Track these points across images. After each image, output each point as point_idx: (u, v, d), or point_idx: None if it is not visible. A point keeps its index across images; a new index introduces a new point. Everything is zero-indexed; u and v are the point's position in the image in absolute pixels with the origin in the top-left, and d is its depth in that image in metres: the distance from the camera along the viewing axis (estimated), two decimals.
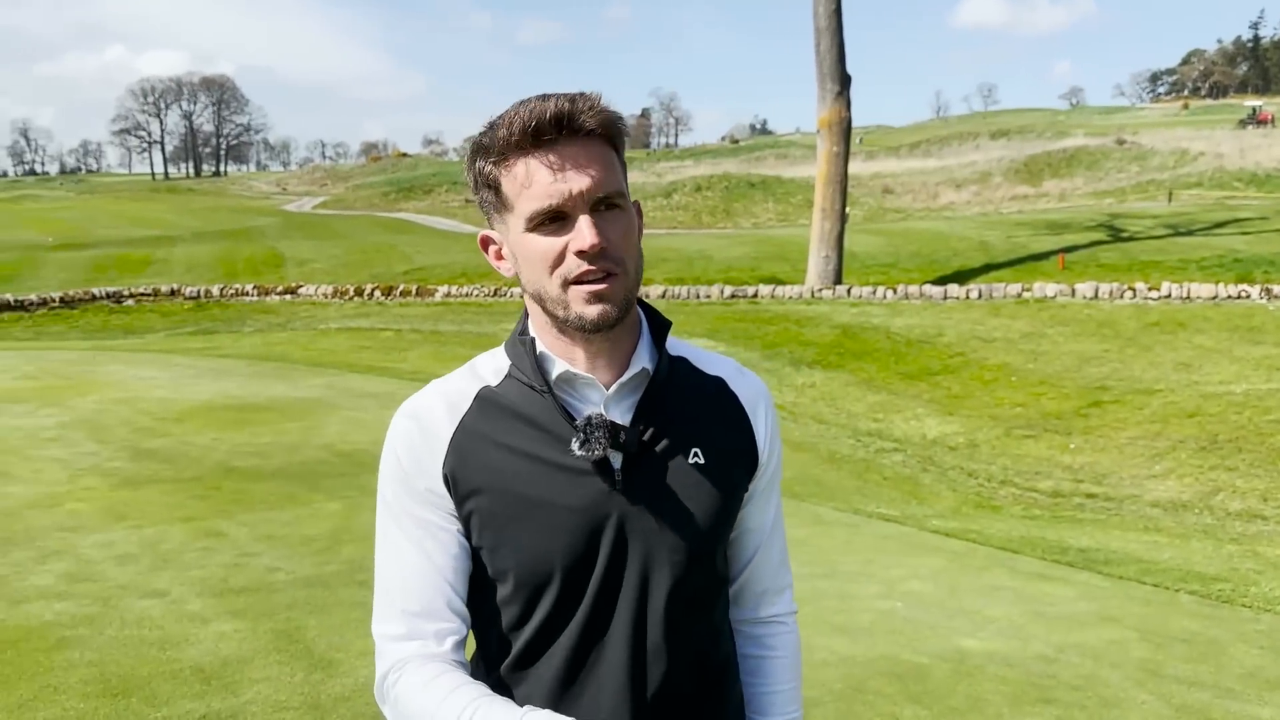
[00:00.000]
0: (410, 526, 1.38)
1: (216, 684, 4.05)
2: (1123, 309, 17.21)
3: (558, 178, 1.26)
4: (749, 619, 1.55)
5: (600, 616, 1.36)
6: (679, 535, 1.36)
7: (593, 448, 1.31)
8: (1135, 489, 10.51)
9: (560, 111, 1.26)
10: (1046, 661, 4.74)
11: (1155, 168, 48.16)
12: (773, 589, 1.54)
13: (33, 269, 30.20)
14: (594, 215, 1.27)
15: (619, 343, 1.37)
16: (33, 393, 11.09)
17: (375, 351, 17.05)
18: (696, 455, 1.38)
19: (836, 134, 21.05)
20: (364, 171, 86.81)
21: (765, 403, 1.48)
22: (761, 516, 1.50)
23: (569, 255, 1.28)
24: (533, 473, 1.34)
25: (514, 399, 1.37)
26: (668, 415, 1.38)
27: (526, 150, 1.28)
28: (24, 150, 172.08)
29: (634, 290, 1.33)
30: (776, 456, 1.49)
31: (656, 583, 1.36)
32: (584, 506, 1.33)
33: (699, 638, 1.42)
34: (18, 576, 5.30)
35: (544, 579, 1.34)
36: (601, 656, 1.36)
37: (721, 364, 1.49)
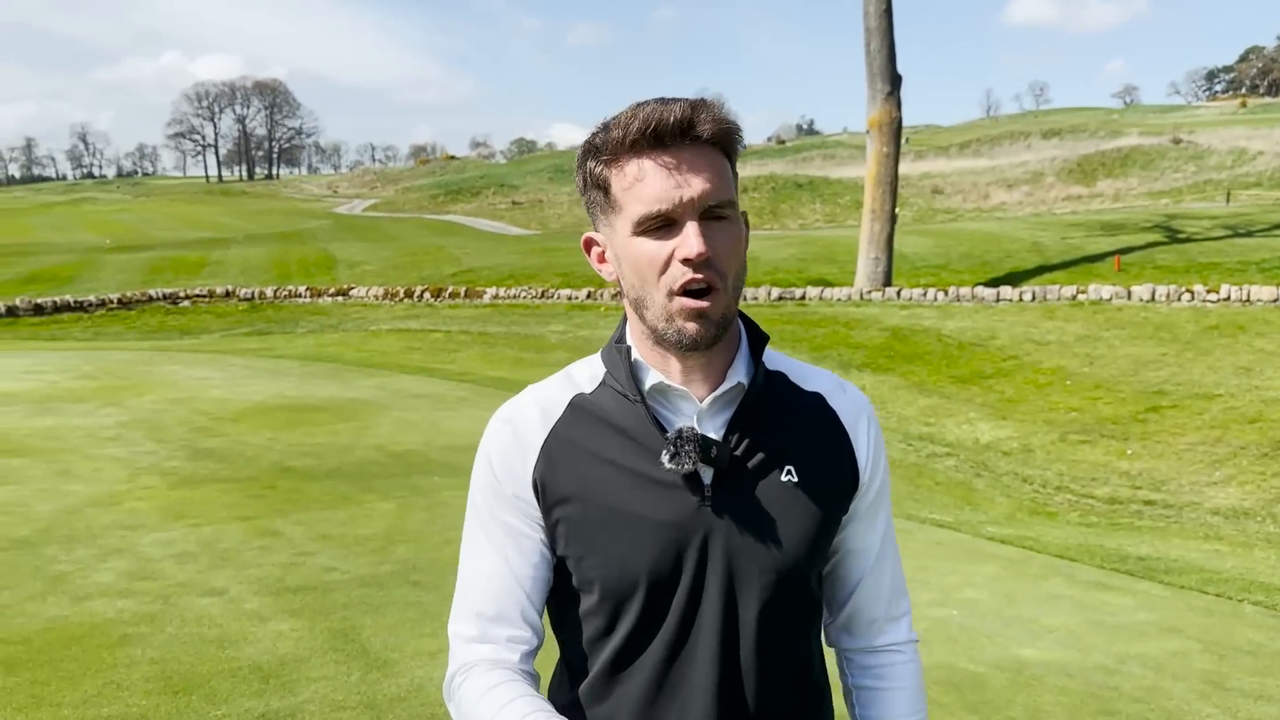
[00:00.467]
0: (495, 531, 1.37)
1: (275, 683, 4.10)
2: (1180, 312, 16.86)
3: (670, 182, 1.24)
4: (862, 648, 1.48)
5: (686, 634, 1.32)
6: (769, 555, 1.32)
7: (682, 461, 1.28)
8: (1195, 496, 10.28)
9: (681, 117, 1.24)
10: (1107, 673, 4.65)
11: (1213, 167, 47.23)
12: (886, 616, 1.47)
13: (91, 271, 30.86)
14: (702, 224, 1.24)
15: (715, 356, 1.34)
16: (92, 392, 11.33)
17: (425, 353, 17.19)
18: (790, 473, 1.34)
19: (887, 134, 20.87)
20: (413, 174, 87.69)
21: (868, 419, 1.42)
22: (867, 538, 1.44)
23: (674, 262, 1.25)
24: (621, 483, 1.32)
25: (607, 407, 1.36)
26: (762, 431, 1.35)
27: (640, 152, 1.25)
28: (82, 154, 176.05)
29: (733, 306, 1.30)
30: (881, 476, 1.43)
31: (745, 603, 1.32)
32: (672, 521, 1.30)
33: (790, 662, 1.37)
34: (80, 574, 5.41)
35: (629, 592, 1.32)
36: (688, 676, 1.32)
37: (821, 379, 1.44)
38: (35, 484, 7.31)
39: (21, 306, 24.14)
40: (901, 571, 1.50)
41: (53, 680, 4.05)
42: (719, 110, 1.27)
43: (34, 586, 5.17)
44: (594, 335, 18.83)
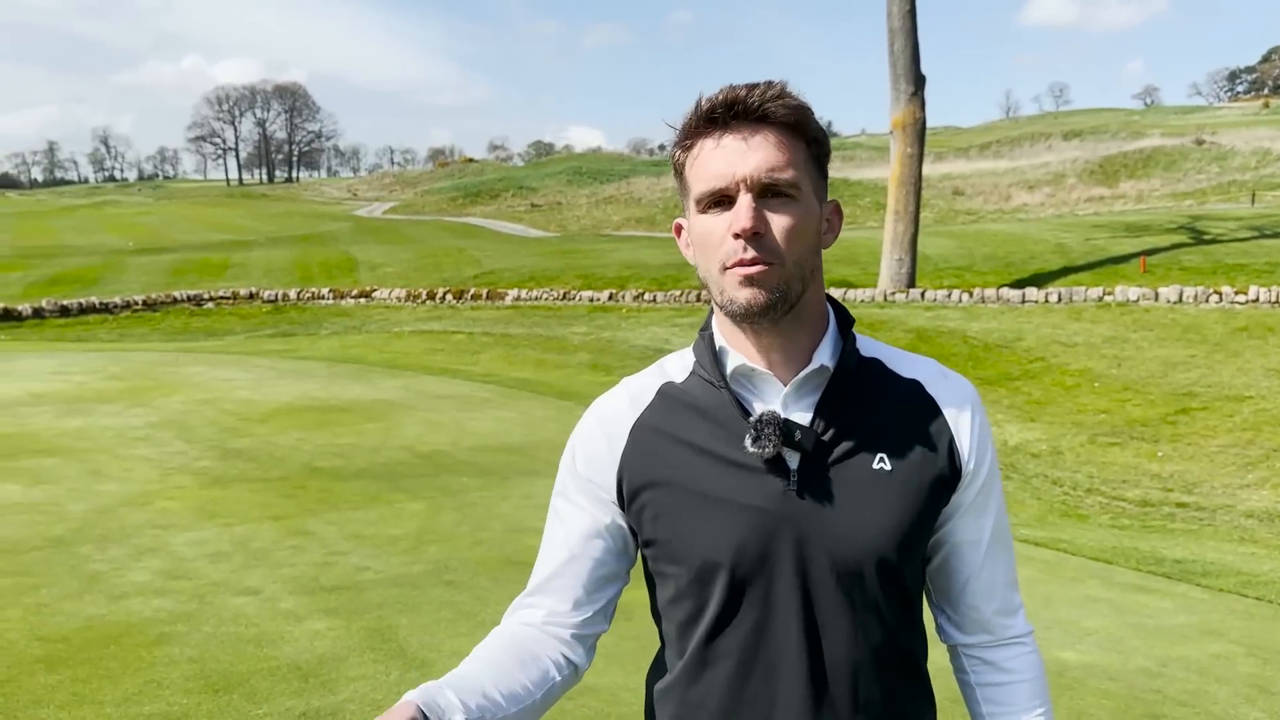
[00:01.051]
0: (563, 516, 1.44)
1: (314, 681, 4.09)
2: (1208, 313, 16.70)
3: (726, 159, 1.26)
4: (982, 643, 1.44)
5: (772, 619, 1.32)
6: (857, 543, 1.30)
7: (764, 445, 1.28)
8: (1228, 499, 10.17)
9: (736, 96, 1.26)
10: (1150, 675, 4.60)
11: (1236, 168, 46.83)
12: (1003, 609, 1.43)
13: (116, 273, 31.08)
14: (759, 201, 1.25)
15: (795, 338, 1.33)
16: (120, 393, 11.39)
17: (448, 354, 17.21)
18: (883, 461, 1.32)
19: (910, 135, 20.77)
20: (432, 177, 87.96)
21: (973, 408, 1.38)
22: (975, 531, 1.40)
23: (727, 238, 1.26)
24: (706, 468, 1.32)
25: (695, 394, 1.37)
26: (851, 416, 1.33)
27: (706, 133, 1.28)
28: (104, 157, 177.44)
29: (794, 282, 1.28)
30: (988, 467, 1.39)
31: (830, 590, 1.31)
32: (756, 505, 1.30)
33: (882, 652, 1.34)
34: (116, 573, 5.42)
35: (714, 576, 1.32)
36: (775, 662, 1.32)
37: (921, 366, 1.41)
38: (67, 484, 7.34)
39: (48, 308, 24.32)
40: (1014, 566, 1.46)
41: (93, 678, 4.06)
42: (782, 90, 1.27)
43: (70, 585, 5.19)
44: (616, 337, 18.81)
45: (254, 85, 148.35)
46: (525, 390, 12.58)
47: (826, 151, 1.33)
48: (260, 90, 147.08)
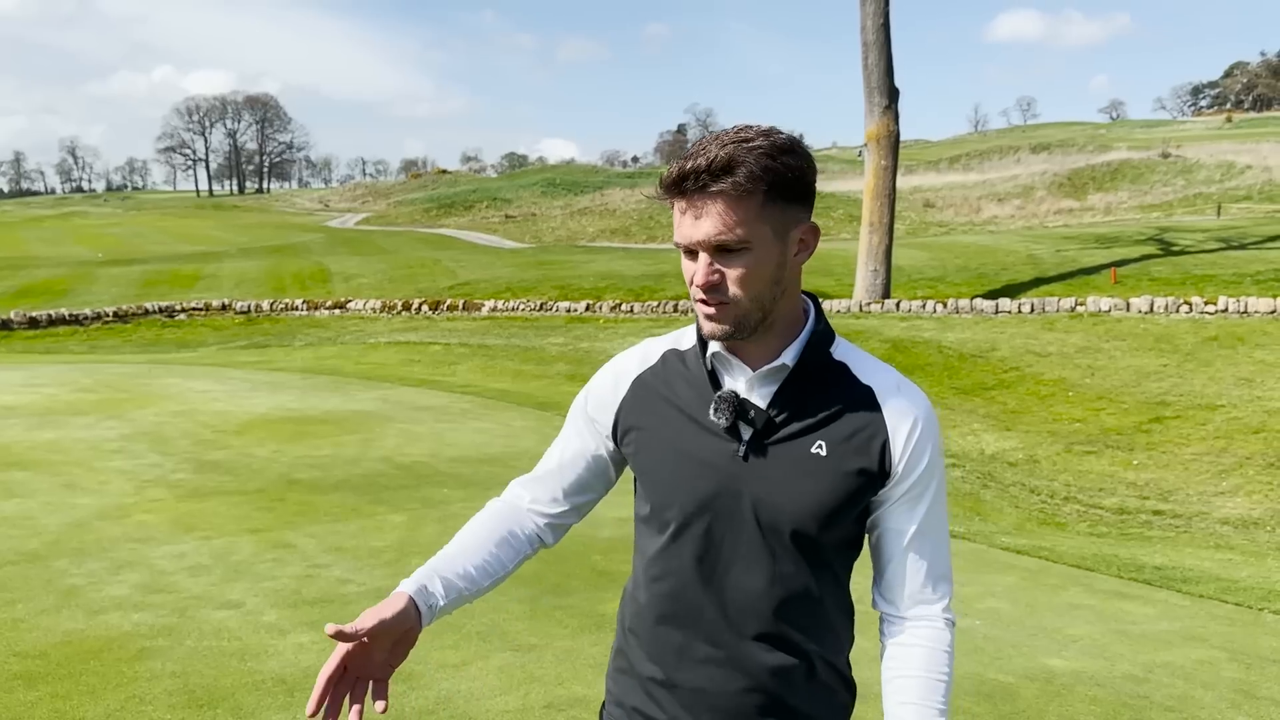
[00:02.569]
0: (569, 432, 1.79)
1: (300, 695, 4.03)
2: (1179, 323, 16.90)
3: (686, 224, 1.50)
4: (894, 614, 1.65)
5: (708, 553, 1.61)
6: (783, 508, 1.56)
7: (720, 415, 1.57)
8: (1203, 506, 10.27)
9: (693, 169, 1.47)
10: (1136, 681, 4.62)
11: (1202, 181, 47.52)
12: (920, 596, 1.63)
13: (85, 284, 30.71)
14: (715, 255, 1.50)
15: (765, 341, 1.58)
16: (92, 405, 11.24)
17: (425, 365, 17.12)
18: (820, 447, 1.56)
19: (885, 148, 20.90)
20: (405, 188, 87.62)
21: (916, 420, 1.59)
22: (902, 523, 1.61)
23: (692, 284, 1.53)
24: (681, 424, 1.63)
25: (688, 363, 1.67)
26: (803, 406, 1.58)
27: (673, 194, 1.52)
28: (72, 168, 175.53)
29: (751, 315, 1.53)
30: (919, 474, 1.59)
31: (756, 543, 1.58)
32: (709, 461, 1.59)
33: (790, 601, 1.59)
34: (93, 587, 5.33)
35: (669, 508, 1.63)
36: (707, 588, 1.61)
37: (881, 375, 1.63)
38: (41, 497, 7.22)
39: (16, 320, 23.98)
40: (945, 560, 1.65)
41: (74, 694, 3.98)
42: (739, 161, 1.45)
43: (47, 600, 5.09)
44: (594, 347, 18.78)
45: (225, 96, 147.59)
46: (504, 401, 12.51)
47: (795, 184, 1.50)
48: (231, 101, 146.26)
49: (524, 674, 4.32)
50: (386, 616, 1.55)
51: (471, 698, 4.07)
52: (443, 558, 1.66)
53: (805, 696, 1.63)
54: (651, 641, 1.66)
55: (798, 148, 1.50)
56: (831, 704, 1.67)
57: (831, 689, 1.66)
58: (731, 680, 1.60)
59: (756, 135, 1.47)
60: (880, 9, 20.68)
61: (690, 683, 1.62)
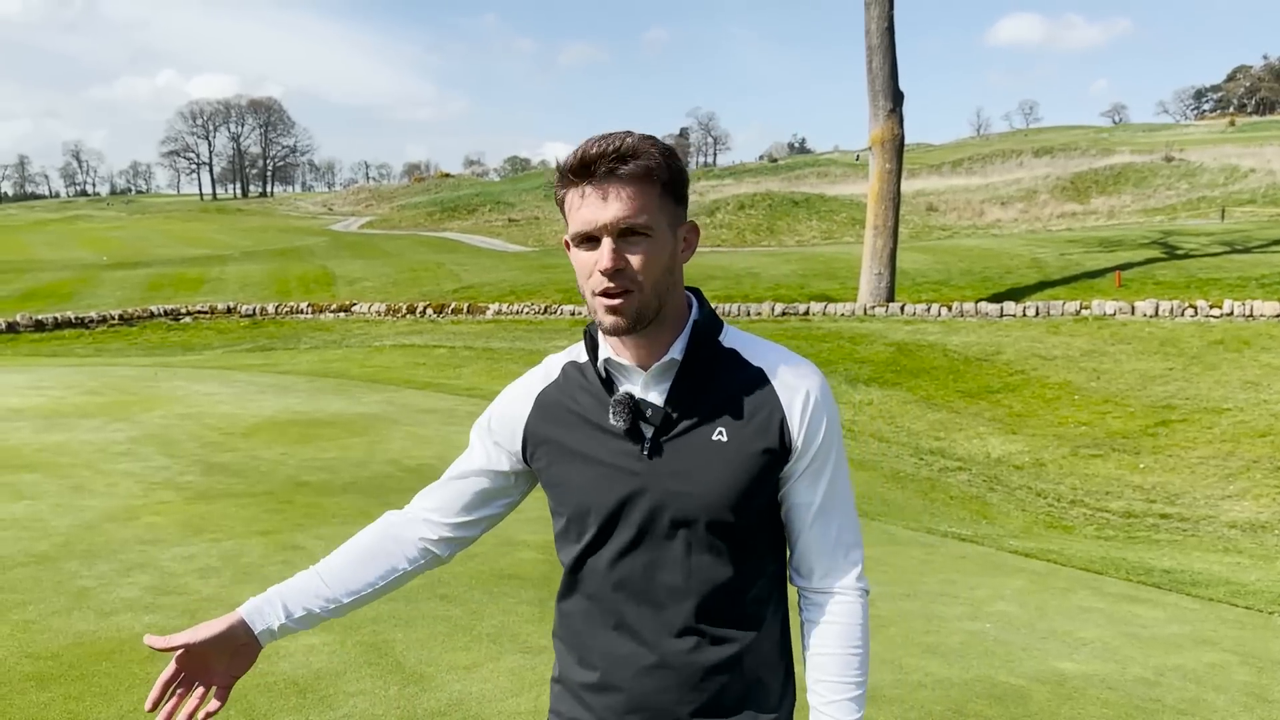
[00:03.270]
0: (471, 450, 1.81)
1: (312, 697, 4.04)
2: (1184, 327, 16.89)
3: (591, 208, 1.54)
4: (811, 588, 1.71)
5: (626, 553, 1.64)
6: (693, 497, 1.60)
7: (618, 419, 1.61)
8: (1210, 510, 10.26)
9: (600, 152, 1.52)
10: (1148, 685, 4.61)
11: (1205, 185, 47.44)
12: (832, 567, 1.69)
13: (91, 287, 30.77)
14: (619, 241, 1.53)
15: (656, 337, 1.62)
16: (100, 407, 11.24)
17: (430, 368, 17.13)
18: (720, 433, 1.61)
19: (889, 151, 20.92)
20: (408, 192, 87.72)
21: (810, 393, 1.64)
22: (808, 496, 1.66)
23: (595, 271, 1.55)
24: (586, 432, 1.66)
25: (586, 372, 1.70)
26: (698, 396, 1.62)
27: (574, 182, 1.56)
28: (75, 171, 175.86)
29: (650, 304, 1.57)
30: (818, 446, 1.64)
31: (672, 533, 1.61)
32: (616, 464, 1.62)
33: (711, 589, 1.62)
34: (104, 589, 5.33)
35: (584, 516, 1.66)
36: (625, 586, 1.64)
37: (770, 354, 1.68)
38: (50, 499, 7.23)
39: (22, 323, 24.02)
40: (853, 528, 1.72)
41: (86, 696, 3.99)
42: (641, 146, 1.53)
43: (58, 602, 5.10)
44: None
45: (228, 100, 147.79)
46: None
47: (683, 184, 1.60)
48: (235, 105, 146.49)
49: (535, 676, 4.32)
50: (208, 635, 1.67)
51: (483, 700, 4.08)
52: (301, 578, 1.79)
53: (737, 691, 1.65)
54: (580, 648, 1.70)
55: (680, 154, 1.61)
56: (767, 695, 1.68)
57: (764, 681, 1.68)
58: (661, 679, 1.63)
59: (645, 136, 1.56)
60: (885, 13, 20.71)
61: (620, 686, 1.65)
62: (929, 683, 4.45)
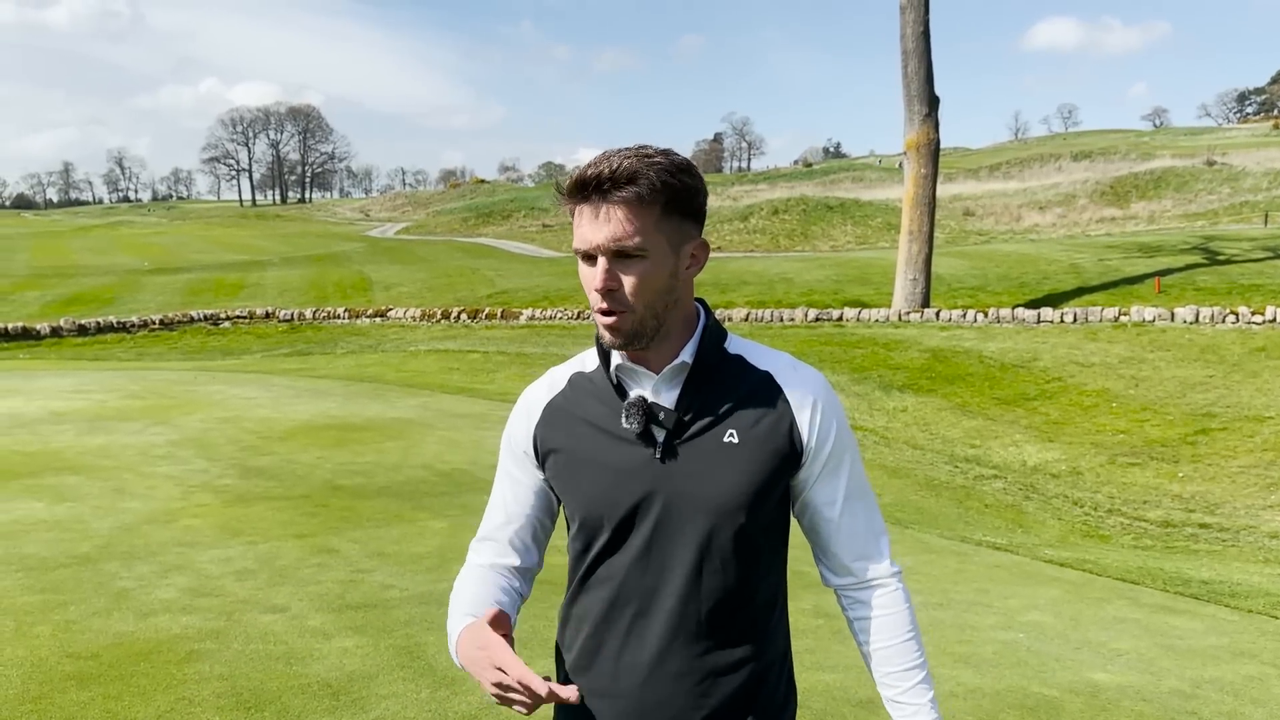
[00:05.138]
0: (504, 478, 1.80)
1: (345, 699, 4.08)
2: (1225, 333, 16.64)
3: (588, 228, 1.56)
4: (850, 584, 1.73)
5: (640, 558, 1.64)
6: (705, 500, 1.61)
7: (631, 422, 1.62)
8: (1251, 520, 10.10)
9: (598, 175, 1.54)
10: (1184, 697, 4.55)
11: (1248, 189, 46.73)
12: (864, 555, 1.71)
13: (132, 292, 31.25)
14: (614, 261, 1.56)
15: (664, 346, 1.65)
16: (141, 411, 11.43)
17: (464, 373, 17.24)
18: (732, 436, 1.63)
19: (925, 156, 20.80)
20: (444, 198, 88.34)
21: (815, 395, 1.67)
22: (827, 494, 1.69)
23: (592, 288, 1.58)
24: (597, 439, 1.67)
25: (595, 381, 1.71)
26: (709, 400, 1.64)
27: (576, 199, 1.58)
28: (119, 178, 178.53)
29: (646, 323, 1.59)
30: (832, 444, 1.67)
31: (685, 537, 1.62)
32: (629, 469, 1.63)
33: (731, 591, 1.64)
34: (143, 590, 5.42)
35: (597, 522, 1.66)
36: (640, 592, 1.64)
37: (774, 359, 1.71)
38: (92, 501, 7.36)
39: (65, 327, 24.45)
40: (876, 518, 1.75)
41: (125, 695, 4.05)
42: (643, 168, 1.53)
43: (98, 603, 5.19)
44: None
45: (268, 107, 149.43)
46: None
47: (689, 201, 1.59)
48: (274, 112, 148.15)
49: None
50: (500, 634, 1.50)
51: None
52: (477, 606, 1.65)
53: (744, 698, 1.66)
54: (586, 653, 1.69)
55: (693, 169, 1.60)
56: (772, 702, 1.70)
57: (769, 688, 1.69)
58: (668, 686, 1.63)
59: (657, 153, 1.56)
60: (920, 17, 20.61)
61: (627, 692, 1.65)
62: (961, 693, 4.42)
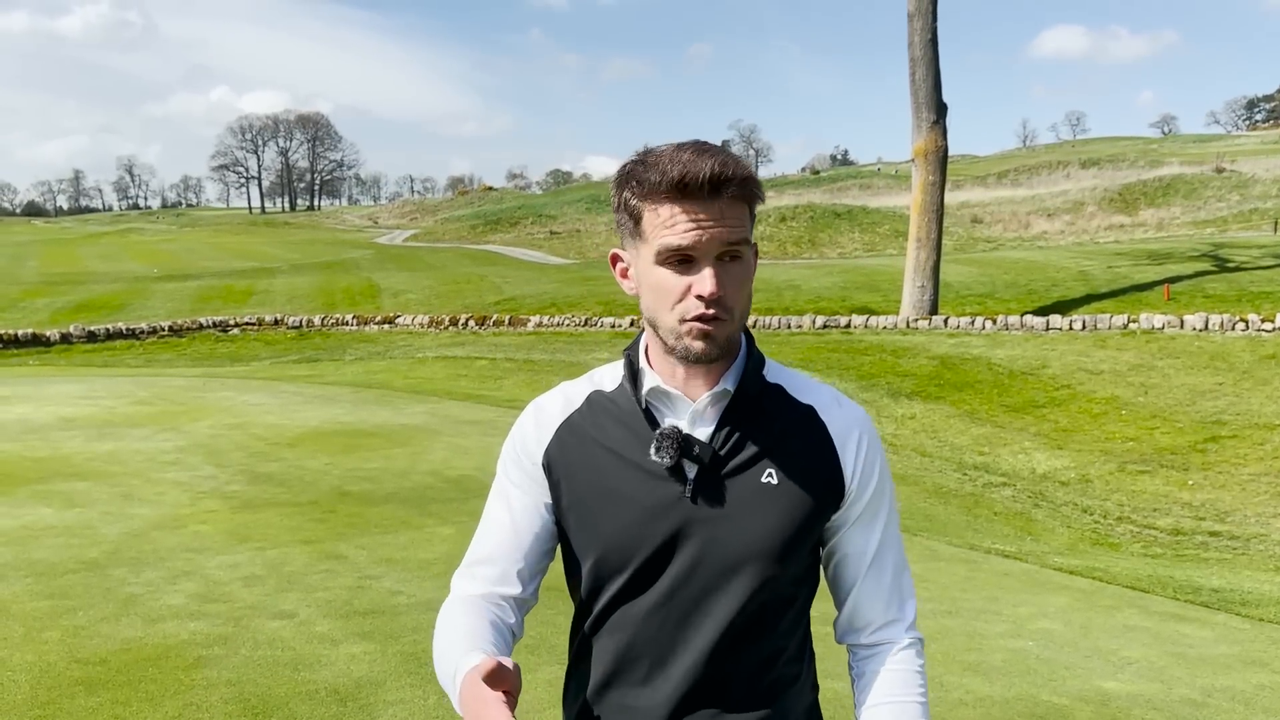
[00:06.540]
0: (508, 496, 1.58)
1: (352, 705, 4.08)
2: (1235, 341, 16.58)
3: (692, 228, 1.39)
4: (863, 643, 1.58)
5: (661, 607, 1.47)
6: (740, 546, 1.46)
7: (663, 454, 1.45)
8: (1261, 528, 10.05)
9: (710, 176, 1.37)
10: (1194, 706, 4.53)
11: (1257, 196, 46.55)
12: (887, 619, 1.56)
13: (141, 299, 31.35)
14: (717, 264, 1.40)
15: (713, 367, 1.49)
16: (149, 417, 11.46)
17: (471, 380, 17.26)
18: (770, 475, 1.47)
19: (932, 163, 20.78)
20: (451, 205, 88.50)
21: (860, 434, 1.53)
22: (859, 544, 1.54)
23: (690, 296, 1.41)
24: (618, 469, 1.49)
25: (619, 403, 1.54)
26: (747, 434, 1.48)
27: (671, 198, 1.39)
28: (129, 185, 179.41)
29: (737, 332, 1.47)
30: (873, 489, 1.53)
31: (714, 586, 1.46)
32: (654, 506, 1.46)
33: (758, 646, 1.49)
34: (151, 596, 5.44)
35: (615, 564, 1.48)
36: (658, 646, 1.47)
37: (818, 393, 1.56)
38: (100, 507, 7.38)
39: (75, 333, 24.55)
40: (905, 578, 1.59)
41: (133, 701, 4.06)
42: (743, 165, 1.41)
43: (107, 608, 5.21)
44: None
45: (278, 115, 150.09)
46: None
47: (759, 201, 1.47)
48: (284, 120, 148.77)
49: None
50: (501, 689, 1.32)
51: (521, 711, 4.09)
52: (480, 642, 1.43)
53: None
54: (602, 705, 1.52)
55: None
56: None
57: None
58: None
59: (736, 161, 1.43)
60: (928, 25, 20.62)
61: None
62: (970, 700, 4.40)
